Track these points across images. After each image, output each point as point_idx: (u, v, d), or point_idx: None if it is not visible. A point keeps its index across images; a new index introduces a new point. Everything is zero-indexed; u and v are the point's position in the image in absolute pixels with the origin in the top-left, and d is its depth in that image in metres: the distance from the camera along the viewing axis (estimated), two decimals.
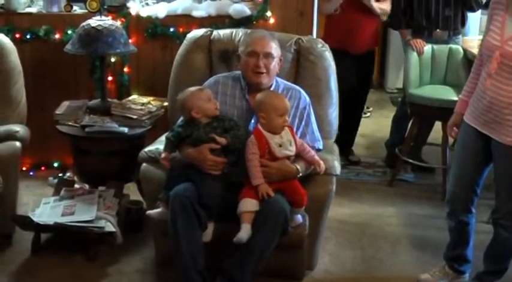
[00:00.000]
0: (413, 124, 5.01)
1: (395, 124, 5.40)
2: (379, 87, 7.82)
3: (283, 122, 3.29)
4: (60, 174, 4.69)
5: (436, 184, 4.99)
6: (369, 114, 6.83)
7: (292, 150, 3.30)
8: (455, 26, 5.01)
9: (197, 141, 3.35)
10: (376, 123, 6.54)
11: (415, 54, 4.91)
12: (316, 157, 3.38)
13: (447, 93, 4.70)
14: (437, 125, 5.03)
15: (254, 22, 4.66)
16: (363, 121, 5.76)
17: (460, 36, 5.15)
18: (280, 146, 3.27)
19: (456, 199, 3.46)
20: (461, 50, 4.94)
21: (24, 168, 4.82)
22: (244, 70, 3.53)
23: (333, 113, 3.90)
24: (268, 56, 3.46)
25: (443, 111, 4.38)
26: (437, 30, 4.97)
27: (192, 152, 3.35)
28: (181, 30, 4.66)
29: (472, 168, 3.36)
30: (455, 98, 4.45)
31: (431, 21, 4.96)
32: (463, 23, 5.09)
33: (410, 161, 5.04)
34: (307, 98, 3.59)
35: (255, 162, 3.24)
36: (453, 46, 4.96)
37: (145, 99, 4.40)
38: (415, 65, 4.92)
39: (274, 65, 3.50)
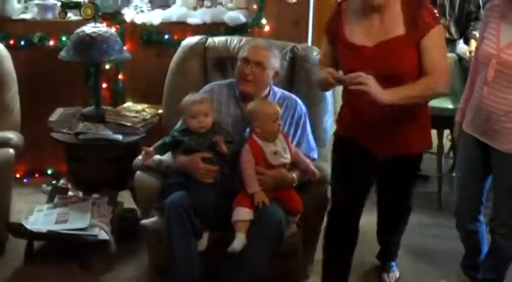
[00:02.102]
0: None
1: None
2: None
3: (278, 126, 3.32)
4: (54, 182, 4.71)
5: (431, 192, 4.98)
6: None
7: (287, 158, 3.33)
8: (450, 35, 5.03)
9: (188, 150, 3.39)
10: None
11: None
12: (311, 166, 3.40)
13: (441, 101, 4.70)
14: (433, 132, 5.02)
15: (249, 30, 4.70)
16: None
17: (457, 42, 5.17)
18: (275, 153, 3.29)
19: (462, 211, 3.51)
20: (456, 57, 4.96)
21: (18, 176, 4.83)
22: (236, 76, 3.56)
23: (328, 121, 3.93)
24: (259, 65, 3.47)
25: (437, 119, 4.36)
26: None
27: (184, 160, 3.38)
28: (176, 37, 4.69)
29: (476, 178, 3.39)
30: (450, 106, 4.52)
31: None
32: (460, 30, 5.12)
33: None
34: (304, 108, 3.61)
35: (249, 170, 3.27)
36: (449, 54, 4.97)
37: (139, 107, 4.42)
38: None
39: (266, 75, 3.50)
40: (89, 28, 4.14)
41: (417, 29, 2.93)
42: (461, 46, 5.32)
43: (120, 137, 4.08)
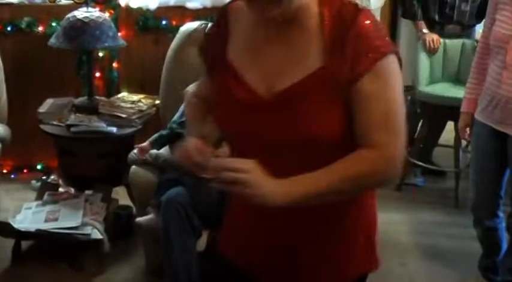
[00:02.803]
0: (423, 124, 4.96)
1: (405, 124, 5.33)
2: None
3: None
4: (43, 177, 4.63)
5: (448, 188, 4.92)
6: None
7: None
8: (470, 21, 4.95)
9: None
10: None
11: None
12: None
13: (459, 91, 4.63)
14: (450, 125, 4.97)
15: None
16: None
17: (475, 28, 5.08)
18: None
19: (479, 206, 3.44)
20: (476, 44, 4.88)
21: (4, 171, 4.79)
22: None
23: None
24: None
25: (455, 110, 4.30)
26: (450, 25, 4.91)
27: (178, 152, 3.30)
28: (174, 23, 4.64)
29: (492, 170, 3.32)
30: None
31: (444, 16, 4.90)
32: (481, 16, 5.02)
33: (420, 163, 4.97)
34: None
35: None
36: (466, 40, 4.90)
37: (135, 97, 4.36)
38: (425, 61, 4.87)
39: None
40: (80, 13, 4.07)
41: (347, 61, 1.72)
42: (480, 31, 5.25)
43: (114, 129, 4.02)
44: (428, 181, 5.11)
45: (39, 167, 4.89)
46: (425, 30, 4.90)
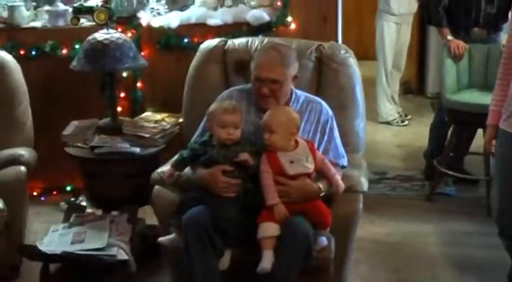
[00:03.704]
0: (452, 132, 4.97)
1: (434, 132, 5.35)
2: (418, 92, 7.76)
3: (292, 136, 3.28)
4: (72, 199, 4.73)
5: (480, 197, 4.91)
6: (407, 122, 6.79)
7: (308, 167, 3.27)
8: (496, 24, 4.95)
9: (210, 162, 3.35)
10: (414, 132, 6.49)
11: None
12: (337, 177, 3.34)
13: (487, 98, 4.62)
14: (480, 132, 4.95)
15: (274, 29, 4.67)
16: (400, 130, 5.70)
17: (501, 33, 5.07)
18: (292, 162, 3.25)
19: (504, 216, 3.41)
20: (502, 49, 4.87)
21: (34, 193, 4.88)
22: (253, 91, 3.54)
23: (360, 124, 3.87)
24: (275, 82, 3.41)
25: (484, 117, 4.30)
26: (476, 29, 4.92)
27: (203, 174, 3.36)
28: (196, 40, 4.68)
29: None
30: None
31: (470, 19, 4.91)
32: (505, 19, 5.02)
33: (450, 172, 4.98)
34: (330, 111, 3.57)
35: (268, 181, 3.23)
36: (492, 46, 4.90)
37: (159, 116, 4.42)
38: (451, 68, 4.88)
39: (285, 87, 3.46)
40: (100, 35, 4.14)
41: None
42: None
43: (138, 149, 4.08)
44: (460, 190, 5.10)
45: (68, 188, 4.97)
46: (449, 37, 4.92)
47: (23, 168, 3.96)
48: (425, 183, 5.25)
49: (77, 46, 4.66)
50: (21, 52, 4.70)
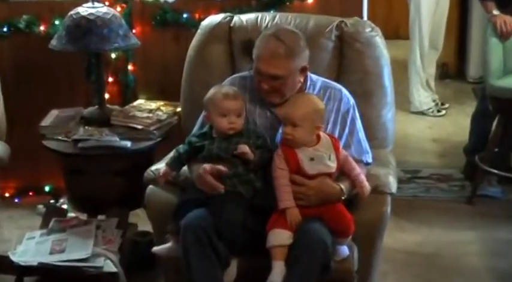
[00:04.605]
0: (498, 124, 4.97)
1: (476, 124, 5.36)
2: (458, 77, 7.76)
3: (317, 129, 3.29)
4: (51, 201, 4.75)
5: None
6: (444, 112, 6.79)
7: (330, 166, 3.27)
8: None
9: (209, 158, 3.37)
10: (453, 124, 6.50)
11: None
12: (362, 177, 3.35)
13: None
14: None
15: (287, 3, 4.67)
16: (436, 121, 5.69)
17: None
18: (312, 159, 3.25)
19: None
20: None
21: (6, 195, 4.92)
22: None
23: (388, 115, 3.89)
24: (277, 78, 3.38)
25: None
26: None
27: (195, 173, 3.39)
28: (197, 16, 4.70)
29: None
30: None
31: None
32: None
33: (495, 171, 4.99)
34: (351, 100, 3.57)
35: (282, 180, 3.23)
36: None
37: (154, 105, 4.45)
38: (496, 48, 4.88)
39: (290, 82, 3.41)
40: (84, 9, 4.14)
41: None
42: None
43: (128, 143, 4.10)
44: (507, 191, 5.12)
45: (47, 189, 5.01)
46: (495, 12, 4.91)
47: None
48: (466, 184, 5.27)
49: (57, 22, 4.67)
50: None
